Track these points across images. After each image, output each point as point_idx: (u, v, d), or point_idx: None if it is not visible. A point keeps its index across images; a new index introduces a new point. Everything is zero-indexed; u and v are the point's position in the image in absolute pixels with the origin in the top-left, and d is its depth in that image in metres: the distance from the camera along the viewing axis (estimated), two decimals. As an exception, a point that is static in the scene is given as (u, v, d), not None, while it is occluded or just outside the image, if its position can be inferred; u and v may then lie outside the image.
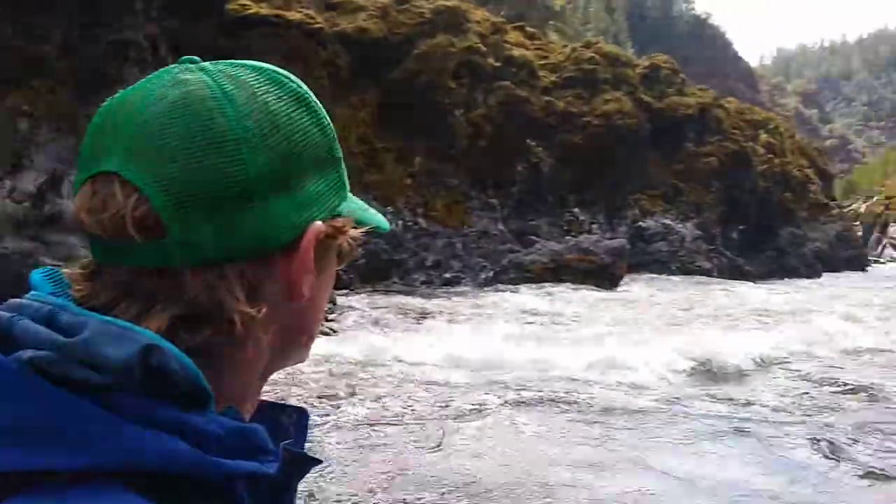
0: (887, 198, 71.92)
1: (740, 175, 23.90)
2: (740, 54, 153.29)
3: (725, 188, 23.59)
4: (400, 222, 15.48)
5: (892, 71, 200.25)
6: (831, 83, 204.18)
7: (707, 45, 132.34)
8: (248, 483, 0.57)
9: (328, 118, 0.67)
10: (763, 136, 30.76)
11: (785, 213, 25.69)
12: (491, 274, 15.79)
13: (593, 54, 23.07)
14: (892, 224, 65.59)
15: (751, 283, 22.27)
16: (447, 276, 15.35)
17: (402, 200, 16.18)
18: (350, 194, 0.70)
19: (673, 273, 19.85)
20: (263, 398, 0.69)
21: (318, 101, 0.67)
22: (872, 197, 78.80)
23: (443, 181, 17.72)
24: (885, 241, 65.85)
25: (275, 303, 0.62)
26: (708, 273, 20.33)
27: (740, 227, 23.59)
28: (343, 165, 0.70)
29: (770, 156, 27.56)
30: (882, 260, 53.29)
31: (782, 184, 26.60)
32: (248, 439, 0.57)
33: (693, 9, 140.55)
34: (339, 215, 0.67)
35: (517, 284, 15.23)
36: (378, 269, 14.37)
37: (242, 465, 0.55)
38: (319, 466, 1.07)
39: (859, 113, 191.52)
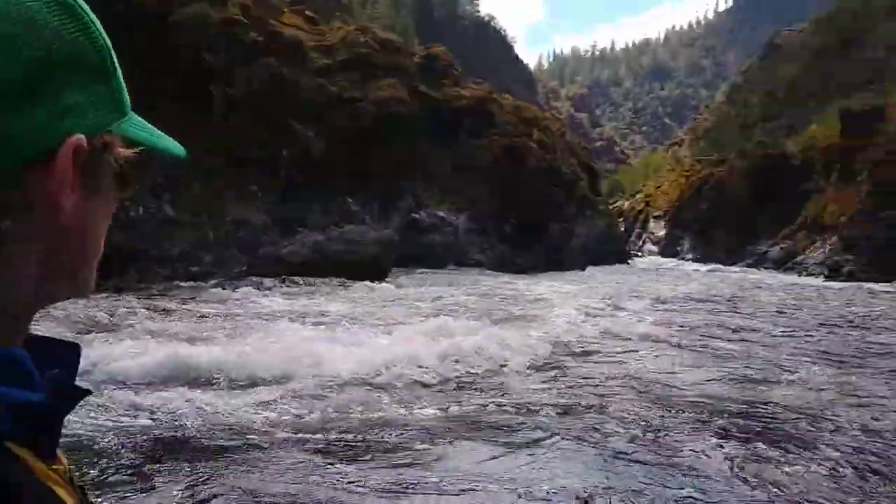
0: (647, 196, 77.95)
1: (514, 170, 24.09)
2: (520, 56, 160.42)
3: (500, 182, 23.65)
4: (140, 209, 13.57)
5: (653, 80, 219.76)
6: (601, 88, 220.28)
7: (489, 46, 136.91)
8: (11, 411, 0.54)
9: (100, 30, 0.62)
10: (536, 134, 31.58)
11: (555, 208, 26.34)
12: (244, 268, 14.30)
13: (368, 39, 22.13)
14: (651, 220, 71.20)
15: (525, 276, 22.51)
16: (194, 270, 13.65)
17: (146, 183, 14.24)
18: (137, 117, 0.66)
19: (446, 265, 19.46)
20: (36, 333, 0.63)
21: (89, 12, 0.61)
22: (635, 195, 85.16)
23: (197, 163, 15.89)
24: (644, 236, 71.47)
25: (35, 220, 0.58)
26: (480, 266, 20.18)
27: (513, 221, 23.78)
28: (120, 83, 0.64)
29: (542, 152, 28.23)
30: (640, 254, 57.71)
31: (553, 180, 27.27)
32: (11, 366, 0.55)
33: (478, 10, 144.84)
34: (108, 133, 0.62)
35: (273, 278, 13.91)
36: (113, 262, 12.42)
37: (4, 392, 0.54)
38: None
39: (626, 118, 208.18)
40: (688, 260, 52.99)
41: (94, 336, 8.25)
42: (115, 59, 0.64)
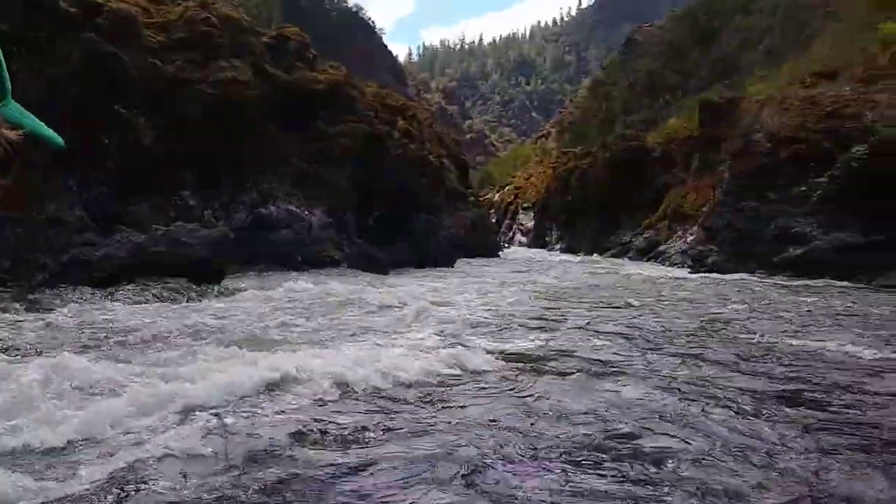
0: (516, 188, 78.31)
1: (377, 159, 22.48)
2: (390, 49, 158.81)
3: (361, 172, 21.96)
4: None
5: (519, 74, 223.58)
6: (470, 81, 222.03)
7: (357, 37, 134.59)
8: None
9: None
10: (402, 123, 30.09)
11: (422, 199, 24.97)
12: (47, 275, 12.00)
13: (209, 16, 19.86)
14: (520, 212, 71.50)
15: (386, 275, 20.97)
16: (-19, 279, 11.27)
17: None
18: (15, 103, 0.66)
19: (298, 265, 17.65)
20: None
21: None
22: (504, 187, 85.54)
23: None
24: (515, 227, 71.72)
25: None
26: (337, 264, 18.50)
27: (376, 214, 22.19)
28: (2, 67, 0.63)
29: (407, 141, 26.78)
30: (506, 245, 57.70)
31: (419, 170, 25.87)
32: None
33: (346, 1, 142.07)
34: None
35: (83, 287, 11.73)
36: None
37: None
38: None
39: (494, 111, 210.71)
40: (556, 251, 53.25)
41: None
42: None
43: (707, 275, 24.47)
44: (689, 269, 26.30)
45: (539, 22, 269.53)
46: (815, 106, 25.62)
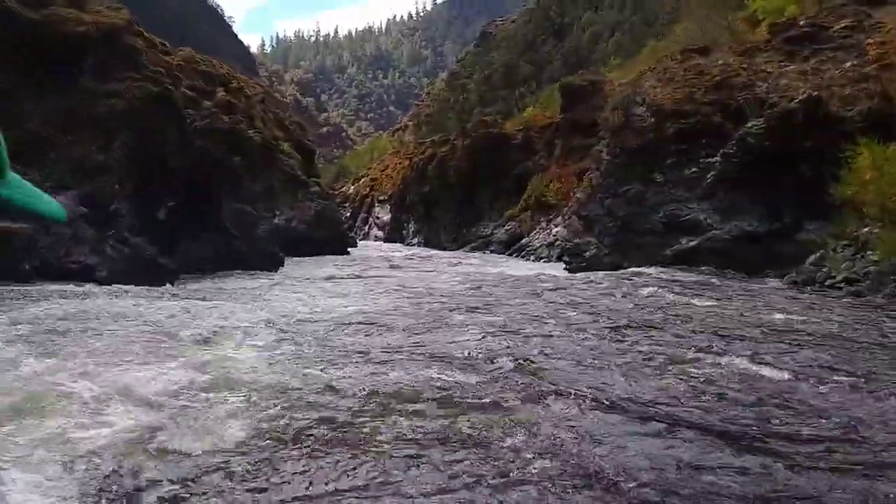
0: (372, 180, 73.16)
1: (169, 130, 16.48)
2: (241, 38, 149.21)
3: (143, 147, 15.88)
4: None
5: (376, 68, 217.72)
6: (326, 74, 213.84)
7: (204, 25, 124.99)
8: None
9: None
10: (221, 94, 24.06)
11: (235, 185, 19.14)
12: None
13: None
14: (376, 205, 66.33)
15: (160, 285, 15.18)
16: None
17: None
18: (15, 176, 0.57)
19: (26, 276, 11.65)
20: None
21: None
22: (360, 179, 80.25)
23: None
24: (371, 220, 66.47)
25: None
26: (91, 273, 12.59)
27: (169, 203, 16.21)
28: None
29: (219, 112, 20.85)
30: (357, 238, 52.50)
31: (232, 148, 20.03)
32: None
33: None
34: None
35: None
36: None
37: None
38: None
39: (351, 104, 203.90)
40: (413, 245, 48.52)
41: None
42: None
43: (587, 273, 20.15)
44: (564, 266, 21.91)
45: (395, 16, 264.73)
46: (702, 76, 21.89)
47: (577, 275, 19.71)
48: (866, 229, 16.44)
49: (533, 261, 32.81)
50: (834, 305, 12.59)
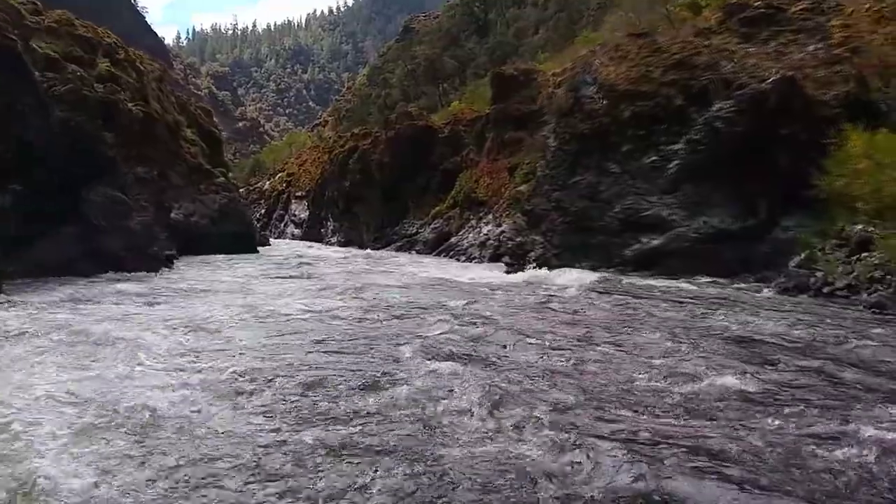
0: (289, 175, 69.06)
1: (14, 94, 12.65)
2: (155, 30, 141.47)
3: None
4: None
5: (295, 63, 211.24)
6: (244, 68, 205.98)
7: (115, 15, 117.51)
8: None
9: None
10: (103, 65, 20.11)
11: (105, 168, 15.27)
12: None
13: None
14: (293, 201, 62.35)
15: None
16: None
17: None
18: None
19: None
20: None
21: None
22: (276, 175, 76.01)
23: None
24: (287, 217, 62.42)
25: None
26: None
27: (15, 188, 12.39)
28: None
29: (103, 86, 17.02)
30: (271, 236, 48.62)
31: (110, 125, 16.24)
32: None
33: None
34: None
35: None
36: None
37: None
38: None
39: (269, 99, 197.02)
40: (332, 244, 45.01)
41: None
42: None
43: (533, 272, 17.27)
44: (506, 269, 18.95)
45: (315, 11, 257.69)
46: (660, 54, 19.29)
47: (519, 277, 16.80)
48: (859, 227, 14.09)
49: (464, 262, 29.89)
50: (864, 324, 9.98)
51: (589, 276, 15.80)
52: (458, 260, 30.78)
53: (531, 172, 32.29)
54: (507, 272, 18.27)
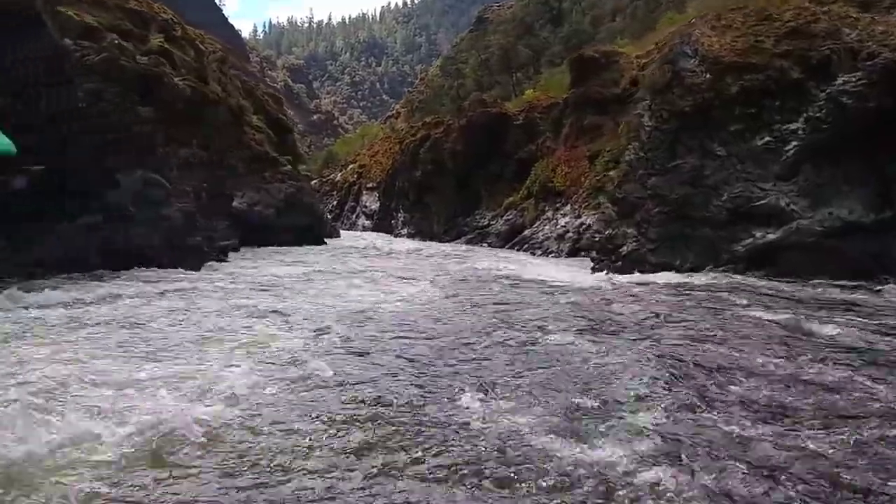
0: (361, 166, 67.88)
1: (35, 61, 11.24)
2: (233, 23, 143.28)
3: None
4: None
5: (369, 55, 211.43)
6: (319, 61, 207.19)
7: (193, 6, 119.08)
8: None
9: None
10: (155, 41, 18.78)
11: (136, 148, 13.58)
12: None
13: None
14: (364, 193, 61.22)
15: None
16: None
17: None
18: None
19: None
20: None
21: None
22: (348, 166, 75.01)
23: None
24: (358, 209, 61.36)
25: None
26: None
27: (31, 169, 10.94)
28: None
29: (147, 58, 15.63)
30: (345, 227, 47.31)
31: (150, 100, 14.77)
32: None
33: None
34: None
35: None
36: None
37: None
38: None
39: (344, 91, 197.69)
40: (402, 235, 43.47)
41: None
42: None
43: (622, 276, 15.07)
44: (593, 266, 16.78)
45: (389, 3, 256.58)
46: (770, 22, 16.78)
47: (615, 279, 14.59)
48: None
49: (539, 255, 27.82)
50: None
51: (696, 279, 13.52)
52: (532, 254, 28.74)
53: (614, 160, 29.94)
54: (595, 270, 16.11)
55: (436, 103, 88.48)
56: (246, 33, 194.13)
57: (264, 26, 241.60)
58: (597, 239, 17.22)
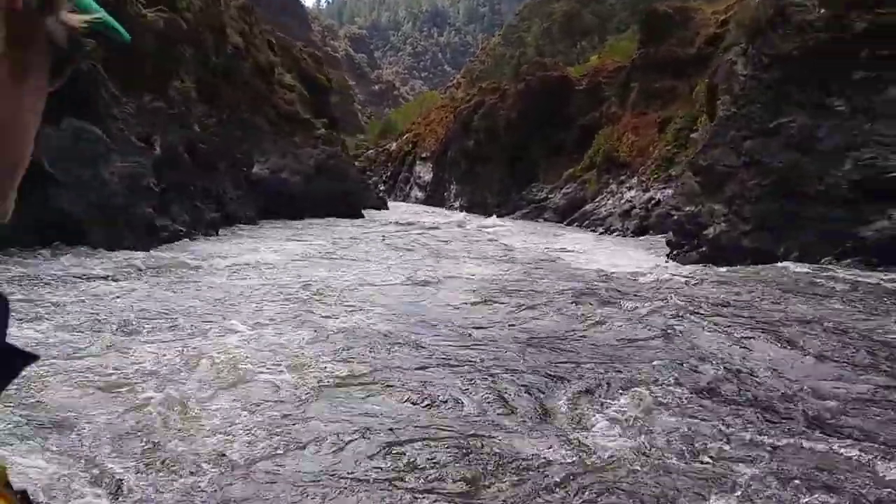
0: (415, 135, 64.78)
1: None
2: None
3: None
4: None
5: (431, 25, 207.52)
6: (381, 31, 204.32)
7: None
8: None
9: None
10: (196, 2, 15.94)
11: (92, 91, 10.68)
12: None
13: None
14: (417, 163, 58.22)
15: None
16: None
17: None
18: None
19: None
20: None
21: None
22: (404, 135, 72.06)
23: None
24: (412, 180, 58.45)
25: None
26: None
27: None
28: None
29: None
30: (399, 198, 44.50)
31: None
32: None
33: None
34: None
35: None
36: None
37: None
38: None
39: (405, 62, 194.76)
40: (455, 209, 40.38)
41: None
42: None
43: (711, 267, 11.63)
44: (670, 252, 13.34)
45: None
46: (908, -59, 12.95)
47: (708, 271, 11.17)
48: None
49: (600, 233, 24.44)
50: None
51: (828, 274, 10.01)
52: (594, 231, 25.38)
53: (688, 128, 26.15)
54: (673, 256, 12.70)
55: (496, 73, 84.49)
56: (309, 3, 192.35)
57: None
58: (674, 217, 13.73)
